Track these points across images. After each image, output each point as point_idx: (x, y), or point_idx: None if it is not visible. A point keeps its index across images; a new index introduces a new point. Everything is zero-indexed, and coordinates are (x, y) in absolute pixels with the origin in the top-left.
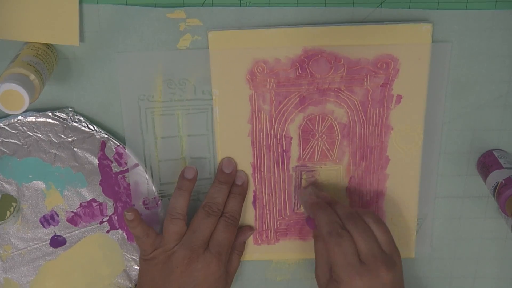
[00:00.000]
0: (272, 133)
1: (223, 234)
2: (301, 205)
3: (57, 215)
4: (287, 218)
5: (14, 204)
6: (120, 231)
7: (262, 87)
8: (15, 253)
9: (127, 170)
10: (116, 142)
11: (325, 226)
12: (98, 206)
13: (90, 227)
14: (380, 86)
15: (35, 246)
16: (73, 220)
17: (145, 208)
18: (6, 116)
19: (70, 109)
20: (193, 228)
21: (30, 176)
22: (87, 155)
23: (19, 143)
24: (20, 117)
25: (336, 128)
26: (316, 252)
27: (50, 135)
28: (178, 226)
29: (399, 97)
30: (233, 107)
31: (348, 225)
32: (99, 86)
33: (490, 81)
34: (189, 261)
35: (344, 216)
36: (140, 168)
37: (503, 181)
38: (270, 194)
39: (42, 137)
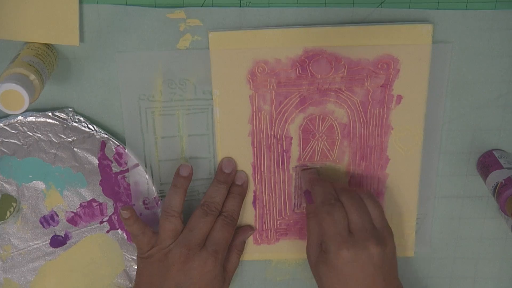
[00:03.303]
0: (273, 133)
1: (220, 233)
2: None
3: (57, 215)
4: (287, 218)
5: (14, 204)
6: (120, 231)
7: (262, 87)
8: (15, 253)
9: (127, 170)
10: (116, 142)
11: (319, 196)
12: (98, 206)
13: (90, 227)
14: (381, 86)
15: (35, 246)
16: (73, 220)
17: (145, 208)
18: (6, 116)
19: (70, 109)
20: (190, 227)
21: (30, 176)
22: (87, 155)
23: (19, 143)
24: (20, 117)
25: (336, 128)
26: (308, 229)
27: (50, 135)
28: (173, 224)
29: (400, 97)
30: (233, 107)
31: (342, 197)
32: (99, 86)
33: (490, 81)
34: (185, 259)
35: (340, 190)
36: (140, 168)
37: (503, 181)
38: (270, 194)
39: (42, 137)
